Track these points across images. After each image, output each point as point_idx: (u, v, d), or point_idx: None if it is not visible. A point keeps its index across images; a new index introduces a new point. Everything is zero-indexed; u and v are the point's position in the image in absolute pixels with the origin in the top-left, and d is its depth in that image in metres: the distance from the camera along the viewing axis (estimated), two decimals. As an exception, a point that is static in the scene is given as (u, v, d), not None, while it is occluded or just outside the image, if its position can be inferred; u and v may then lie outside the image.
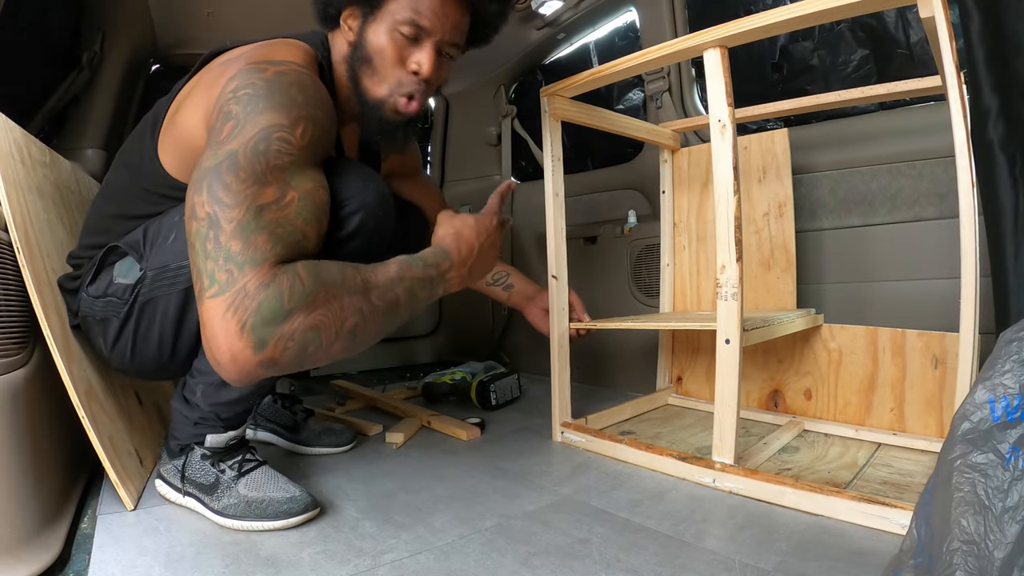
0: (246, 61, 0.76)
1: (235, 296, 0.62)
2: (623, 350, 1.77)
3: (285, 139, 0.70)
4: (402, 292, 0.73)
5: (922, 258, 1.24)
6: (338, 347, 0.68)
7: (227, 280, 0.63)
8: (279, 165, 0.69)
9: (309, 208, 0.71)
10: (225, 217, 0.65)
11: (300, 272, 0.65)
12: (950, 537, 0.44)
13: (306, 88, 0.75)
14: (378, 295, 0.71)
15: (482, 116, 2.32)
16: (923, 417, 1.14)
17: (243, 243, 0.64)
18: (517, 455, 1.19)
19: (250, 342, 0.62)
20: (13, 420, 0.76)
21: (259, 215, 0.66)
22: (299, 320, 0.63)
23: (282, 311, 0.63)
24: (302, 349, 0.64)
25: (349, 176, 0.83)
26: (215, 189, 0.66)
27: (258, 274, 0.63)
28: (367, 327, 0.69)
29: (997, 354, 0.49)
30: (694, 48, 1.00)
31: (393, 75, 0.88)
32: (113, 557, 0.76)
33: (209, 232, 0.65)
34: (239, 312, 0.62)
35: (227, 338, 0.62)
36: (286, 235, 0.67)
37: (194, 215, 0.67)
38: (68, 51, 1.50)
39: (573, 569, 0.73)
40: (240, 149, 0.68)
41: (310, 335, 0.64)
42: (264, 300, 0.62)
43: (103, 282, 0.88)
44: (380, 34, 0.86)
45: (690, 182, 1.54)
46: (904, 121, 1.29)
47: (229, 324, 0.62)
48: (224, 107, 0.72)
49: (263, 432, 1.25)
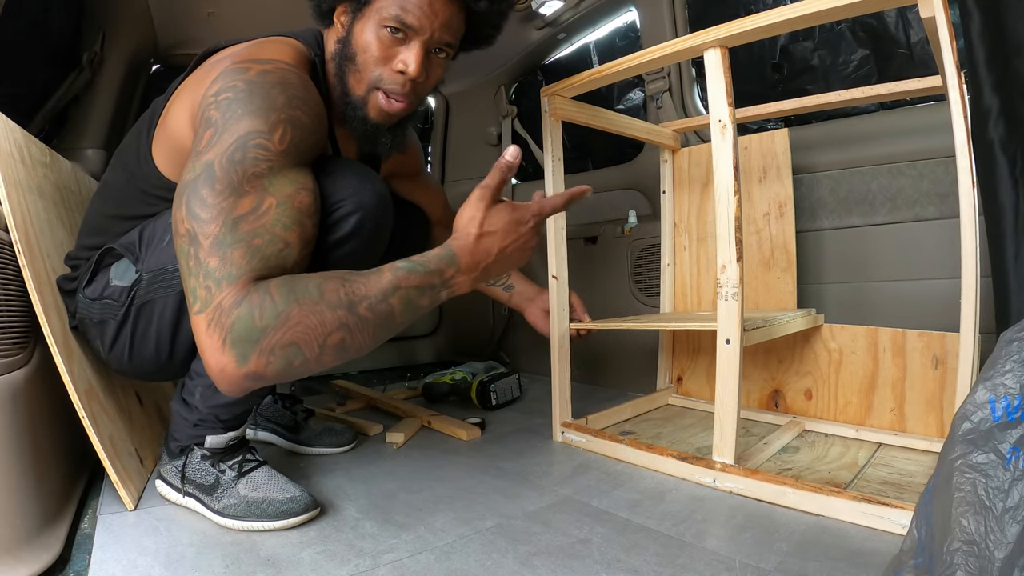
0: (232, 61, 0.75)
1: (213, 312, 0.63)
2: (623, 350, 1.76)
3: (262, 145, 0.69)
4: (397, 302, 0.69)
5: (922, 258, 1.24)
6: (328, 359, 0.67)
7: (207, 296, 0.64)
8: (256, 173, 0.68)
9: (289, 213, 0.69)
10: (203, 233, 0.65)
11: (272, 290, 0.64)
12: (951, 537, 0.44)
13: (289, 88, 0.74)
14: (367, 307, 0.67)
15: (482, 116, 2.32)
16: (923, 417, 1.14)
17: (220, 259, 0.64)
18: (517, 455, 1.19)
19: (233, 356, 0.62)
20: (13, 420, 0.76)
21: (235, 228, 0.65)
22: (275, 337, 0.63)
23: (255, 329, 0.62)
24: (287, 363, 0.64)
25: (345, 176, 0.82)
26: (192, 204, 0.66)
27: (232, 291, 0.63)
28: (356, 340, 0.67)
29: (998, 354, 0.49)
30: (694, 48, 1.00)
31: (376, 72, 0.86)
32: (113, 557, 0.76)
33: (190, 249, 0.66)
34: (218, 328, 0.63)
35: (213, 353, 0.63)
36: (264, 245, 0.66)
37: (176, 231, 0.67)
38: (69, 51, 1.50)
39: (573, 569, 0.73)
40: (216, 160, 0.68)
41: (291, 350, 0.64)
42: (237, 318, 0.62)
43: (99, 284, 0.88)
44: (366, 31, 0.84)
45: (690, 182, 1.54)
46: (904, 121, 1.29)
47: (212, 339, 0.63)
48: (205, 112, 0.72)
49: (263, 432, 1.25)
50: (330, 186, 0.79)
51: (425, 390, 1.67)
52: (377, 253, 0.89)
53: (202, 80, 0.78)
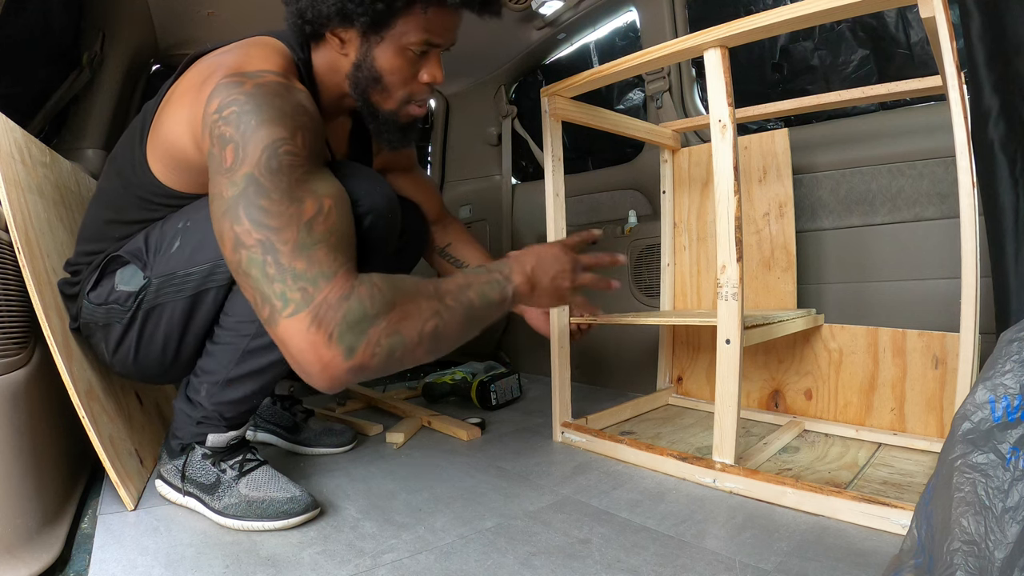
0: (223, 74, 0.75)
1: (317, 309, 0.65)
2: (623, 350, 1.76)
3: (291, 152, 0.70)
4: (474, 295, 0.77)
5: (923, 258, 1.24)
6: (422, 350, 0.71)
7: (303, 298, 0.65)
8: (298, 178, 0.70)
9: (345, 210, 0.74)
10: (279, 240, 0.67)
11: (377, 281, 0.69)
12: (950, 537, 0.44)
13: (286, 97, 0.75)
14: (452, 298, 0.74)
15: (482, 116, 2.32)
16: (923, 417, 1.14)
17: (306, 261, 0.66)
18: (517, 455, 1.19)
19: (340, 351, 0.65)
20: (13, 420, 0.76)
21: (311, 231, 0.68)
22: (383, 325, 0.67)
23: (367, 318, 0.66)
24: (389, 353, 0.68)
25: (357, 179, 0.84)
26: (255, 215, 0.67)
27: (335, 286, 0.66)
28: (447, 329, 0.73)
29: (998, 354, 0.49)
30: (694, 48, 1.00)
31: (406, 90, 0.90)
32: (113, 557, 0.76)
33: (266, 257, 0.67)
34: (324, 324, 0.65)
35: (315, 350, 0.65)
36: (339, 242, 0.70)
37: (241, 244, 0.68)
38: (69, 51, 1.50)
39: (574, 569, 0.73)
40: (255, 171, 0.68)
41: (395, 339, 0.68)
42: (348, 310, 0.66)
43: (104, 289, 0.89)
44: (390, 55, 0.85)
45: (690, 182, 1.54)
46: (904, 121, 1.29)
47: (316, 337, 0.65)
48: (215, 130, 0.72)
49: (263, 433, 1.25)
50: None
51: (425, 390, 1.67)
52: (388, 251, 0.93)
53: (194, 93, 0.78)
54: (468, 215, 2.39)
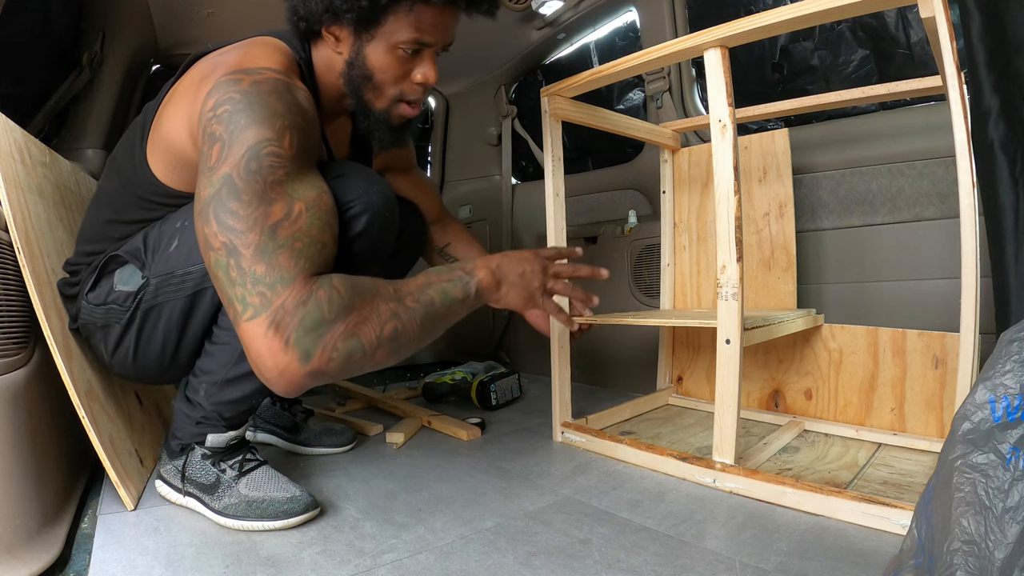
0: (223, 72, 0.75)
1: (274, 314, 0.65)
2: (623, 350, 1.76)
3: (275, 152, 0.70)
4: (435, 293, 0.77)
5: (923, 258, 1.24)
6: (382, 353, 0.71)
7: (261, 302, 0.65)
8: (276, 180, 0.70)
9: (319, 216, 0.72)
10: (242, 243, 0.66)
11: (336, 284, 0.68)
12: (951, 537, 0.44)
13: (284, 94, 0.75)
14: (412, 299, 0.74)
15: (482, 116, 2.32)
16: (923, 417, 1.14)
17: (266, 265, 0.66)
18: (517, 455, 1.19)
19: (296, 355, 0.65)
20: (13, 420, 0.76)
21: (274, 235, 0.67)
22: (340, 329, 0.67)
23: (323, 322, 0.66)
24: (347, 357, 0.67)
25: (353, 179, 0.84)
26: (223, 217, 0.67)
27: (293, 291, 0.66)
28: (407, 330, 0.72)
29: (998, 354, 0.49)
30: (694, 48, 1.00)
31: (397, 88, 0.89)
32: (113, 557, 0.76)
33: (229, 260, 0.67)
34: (281, 329, 0.65)
35: (272, 355, 0.65)
36: (305, 247, 0.69)
37: (209, 246, 0.68)
38: (69, 51, 1.50)
39: (574, 569, 0.73)
40: (233, 172, 0.68)
41: (352, 343, 0.67)
42: (305, 314, 0.65)
43: (103, 289, 0.89)
44: (380, 53, 0.85)
45: (690, 182, 1.54)
46: (904, 121, 1.29)
47: (273, 342, 0.65)
48: (207, 128, 0.72)
49: (262, 434, 1.25)
50: (339, 188, 0.81)
51: (425, 390, 1.67)
52: (385, 251, 0.92)
53: (194, 91, 0.78)
54: (468, 215, 2.39)
